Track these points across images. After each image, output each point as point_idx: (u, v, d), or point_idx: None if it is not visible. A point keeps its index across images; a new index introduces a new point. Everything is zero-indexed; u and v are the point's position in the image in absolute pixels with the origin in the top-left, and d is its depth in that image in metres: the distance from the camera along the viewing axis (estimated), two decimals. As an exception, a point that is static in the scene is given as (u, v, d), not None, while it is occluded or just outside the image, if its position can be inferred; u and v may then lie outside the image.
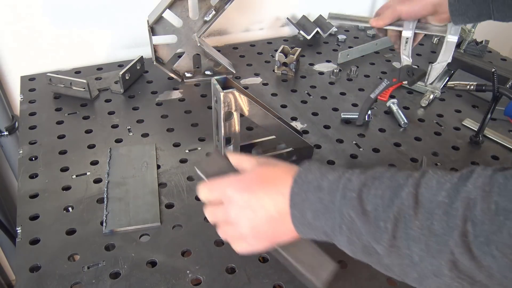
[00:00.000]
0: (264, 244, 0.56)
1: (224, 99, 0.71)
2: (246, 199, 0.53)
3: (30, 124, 0.95)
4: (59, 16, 1.10)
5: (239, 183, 0.55)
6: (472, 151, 0.95)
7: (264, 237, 0.55)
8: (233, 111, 0.74)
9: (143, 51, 1.18)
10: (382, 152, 0.93)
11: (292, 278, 0.66)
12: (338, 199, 0.48)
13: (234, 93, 0.71)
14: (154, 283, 0.65)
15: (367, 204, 0.45)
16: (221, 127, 0.75)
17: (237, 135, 0.78)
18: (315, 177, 0.51)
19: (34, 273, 0.66)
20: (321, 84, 1.15)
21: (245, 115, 0.75)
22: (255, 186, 0.54)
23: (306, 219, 0.50)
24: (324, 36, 1.35)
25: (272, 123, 0.79)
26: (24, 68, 1.12)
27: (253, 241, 0.56)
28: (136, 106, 1.03)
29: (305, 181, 0.51)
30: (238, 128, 0.77)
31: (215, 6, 1.02)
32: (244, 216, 0.54)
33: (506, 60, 1.30)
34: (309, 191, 0.50)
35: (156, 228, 0.74)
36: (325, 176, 0.50)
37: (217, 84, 0.73)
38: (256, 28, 1.36)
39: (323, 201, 0.49)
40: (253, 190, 0.54)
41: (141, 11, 1.10)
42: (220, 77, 0.74)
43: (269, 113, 0.77)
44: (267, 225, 0.53)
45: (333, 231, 0.48)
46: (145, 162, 0.86)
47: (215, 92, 0.73)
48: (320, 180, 0.50)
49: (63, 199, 0.78)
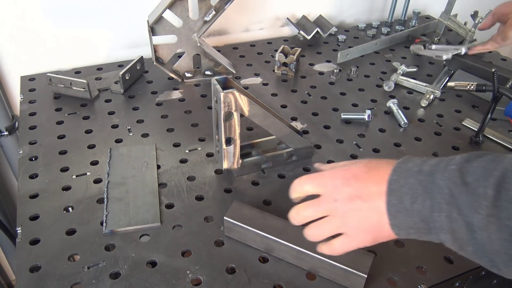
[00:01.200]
0: (366, 238, 0.54)
1: (224, 99, 0.71)
2: (355, 188, 0.53)
3: (30, 124, 0.95)
4: (59, 16, 1.10)
5: (345, 172, 0.55)
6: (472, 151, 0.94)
7: (369, 230, 0.53)
8: (233, 111, 0.74)
9: (143, 51, 1.18)
10: (382, 152, 0.93)
11: (292, 278, 0.67)
12: (438, 177, 0.46)
13: (234, 93, 0.71)
14: (154, 283, 0.65)
15: (467, 176, 0.44)
16: (221, 127, 0.75)
17: (237, 135, 0.78)
18: (415, 164, 0.50)
19: (34, 273, 0.66)
20: (321, 84, 1.15)
21: (245, 115, 0.75)
22: (362, 175, 0.53)
23: (403, 204, 0.48)
24: (324, 36, 1.35)
25: (272, 123, 0.79)
26: (24, 68, 1.12)
27: (358, 235, 0.54)
28: (136, 106, 1.03)
29: (405, 168, 0.50)
30: (239, 128, 0.77)
31: (215, 6, 1.02)
32: (354, 205, 0.53)
33: (506, 60, 1.30)
34: (409, 177, 0.49)
35: (156, 228, 0.74)
36: (426, 162, 0.49)
37: (217, 84, 0.73)
38: (256, 28, 1.36)
39: (422, 182, 0.47)
40: (361, 178, 0.53)
41: (141, 11, 1.10)
42: (220, 77, 0.74)
43: (269, 113, 0.77)
44: (374, 217, 0.52)
45: (431, 211, 0.46)
46: (145, 162, 0.86)
47: (215, 92, 0.73)
48: (421, 165, 0.49)
49: (63, 199, 0.78)
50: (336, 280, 0.66)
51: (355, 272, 0.62)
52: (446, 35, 1.42)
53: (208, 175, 0.85)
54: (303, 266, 0.68)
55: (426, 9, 1.58)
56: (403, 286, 0.67)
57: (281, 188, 0.83)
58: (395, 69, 1.20)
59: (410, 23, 1.45)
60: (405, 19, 1.48)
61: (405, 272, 0.69)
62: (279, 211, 0.77)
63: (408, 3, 1.44)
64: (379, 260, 0.70)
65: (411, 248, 0.72)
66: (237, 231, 0.70)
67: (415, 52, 1.24)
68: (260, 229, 0.68)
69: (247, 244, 0.71)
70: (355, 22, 1.49)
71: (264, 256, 0.70)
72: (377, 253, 0.71)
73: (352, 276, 0.63)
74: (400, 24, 1.46)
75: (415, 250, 0.72)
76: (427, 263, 0.70)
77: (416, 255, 0.71)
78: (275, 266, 0.69)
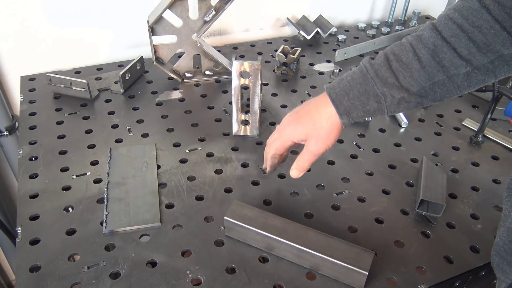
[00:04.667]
0: (303, 125, 0.69)
1: None
2: (293, 114, 0.72)
3: (30, 124, 0.95)
4: (59, 16, 1.10)
5: (289, 116, 0.73)
6: (472, 151, 0.95)
7: (303, 117, 0.69)
8: None
9: (143, 51, 1.18)
10: (382, 152, 0.93)
11: (292, 278, 0.67)
12: (357, 77, 0.65)
13: None
14: (154, 283, 0.65)
15: None
16: None
17: None
18: (333, 83, 0.68)
19: (34, 273, 0.66)
20: (321, 84, 1.15)
21: None
22: (300, 111, 0.71)
23: (343, 93, 0.65)
24: (324, 36, 1.35)
25: None
26: (24, 68, 1.12)
27: (291, 123, 0.71)
28: (136, 106, 1.03)
29: (330, 87, 0.67)
30: None
31: (215, 6, 1.02)
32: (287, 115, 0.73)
33: (506, 60, 1.29)
34: (337, 87, 0.66)
35: (156, 228, 0.74)
36: (342, 78, 0.67)
37: None
38: (256, 28, 1.36)
39: (349, 83, 0.65)
40: (298, 111, 0.72)
41: (141, 11, 1.10)
42: None
43: None
44: (305, 107, 0.70)
45: (366, 94, 0.64)
46: (145, 162, 0.86)
47: None
48: (339, 80, 0.67)
49: (63, 199, 0.78)
50: (337, 278, 0.66)
51: (356, 269, 0.62)
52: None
53: (208, 175, 0.85)
54: (304, 265, 0.68)
55: (426, 9, 1.58)
56: (403, 286, 0.67)
57: (281, 188, 0.83)
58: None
59: (410, 23, 1.45)
60: (405, 19, 1.48)
61: (405, 272, 0.69)
62: (279, 210, 0.77)
63: (408, 3, 1.44)
64: (379, 260, 0.70)
65: (411, 248, 0.72)
66: (237, 231, 0.70)
67: None
68: (261, 229, 0.68)
69: (248, 243, 0.71)
70: (355, 22, 1.49)
71: (264, 256, 0.70)
72: (377, 253, 0.71)
73: (353, 273, 0.63)
74: (400, 24, 1.46)
75: (415, 250, 0.72)
76: (427, 263, 0.70)
77: (416, 255, 0.71)
78: (275, 266, 0.69)
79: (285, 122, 0.73)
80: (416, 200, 0.80)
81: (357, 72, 0.65)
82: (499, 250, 0.57)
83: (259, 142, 0.94)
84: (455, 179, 0.87)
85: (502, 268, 0.57)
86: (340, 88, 0.65)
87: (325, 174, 0.87)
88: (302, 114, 0.70)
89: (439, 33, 0.60)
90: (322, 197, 0.81)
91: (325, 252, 0.64)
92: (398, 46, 0.63)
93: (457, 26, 0.58)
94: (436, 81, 0.61)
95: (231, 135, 0.95)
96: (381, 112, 0.65)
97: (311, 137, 0.69)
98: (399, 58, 0.62)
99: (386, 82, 0.62)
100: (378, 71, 0.63)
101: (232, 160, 0.89)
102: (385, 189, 0.84)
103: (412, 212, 0.79)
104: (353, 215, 0.78)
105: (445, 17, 0.60)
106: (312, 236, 0.67)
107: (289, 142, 0.72)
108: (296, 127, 0.70)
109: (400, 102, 0.63)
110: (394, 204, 0.81)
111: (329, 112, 0.66)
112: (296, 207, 0.79)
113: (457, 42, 0.58)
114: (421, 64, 0.60)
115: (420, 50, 0.60)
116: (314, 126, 0.68)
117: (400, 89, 0.62)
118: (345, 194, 0.82)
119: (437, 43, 0.59)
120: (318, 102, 0.68)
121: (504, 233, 0.56)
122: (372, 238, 0.74)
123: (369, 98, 0.63)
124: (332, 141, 0.69)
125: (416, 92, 0.62)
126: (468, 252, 0.73)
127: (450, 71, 0.60)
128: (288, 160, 0.84)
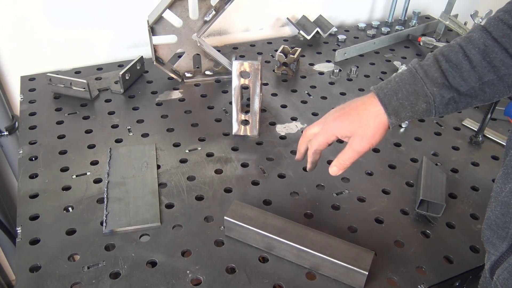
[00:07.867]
0: (350, 121, 0.67)
1: None
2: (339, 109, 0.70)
3: (30, 124, 0.95)
4: (59, 16, 1.10)
5: (334, 111, 0.70)
6: (472, 151, 0.95)
7: (350, 113, 0.67)
8: None
9: (143, 51, 1.18)
10: (382, 152, 0.93)
11: (292, 278, 0.67)
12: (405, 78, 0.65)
13: None
14: (154, 283, 0.65)
15: None
16: None
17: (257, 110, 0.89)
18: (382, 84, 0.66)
19: (34, 273, 0.66)
20: (321, 84, 1.15)
21: None
22: (347, 107, 0.69)
23: (392, 93, 0.64)
24: (324, 36, 1.35)
25: None
26: (24, 68, 1.12)
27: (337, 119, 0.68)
28: (136, 106, 1.03)
29: (379, 87, 0.66)
30: None
31: (215, 6, 1.02)
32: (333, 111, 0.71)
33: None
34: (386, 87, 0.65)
35: (156, 228, 0.74)
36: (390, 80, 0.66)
37: None
38: (256, 28, 1.36)
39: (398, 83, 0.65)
40: (344, 107, 0.69)
41: (141, 11, 1.10)
42: None
43: None
44: (352, 104, 0.68)
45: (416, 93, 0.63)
46: (145, 162, 0.86)
47: None
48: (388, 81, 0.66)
49: (63, 199, 0.78)
50: (337, 277, 0.66)
51: (356, 269, 0.63)
52: (446, 35, 1.42)
53: (208, 175, 0.85)
54: (304, 265, 0.68)
55: (426, 9, 1.58)
56: (403, 286, 0.67)
57: (281, 188, 0.83)
58: (395, 69, 1.20)
59: (410, 23, 1.45)
60: (405, 19, 1.48)
61: (405, 272, 0.69)
62: (279, 210, 0.77)
63: (408, 3, 1.44)
64: (379, 259, 0.70)
65: (411, 248, 0.72)
66: (237, 231, 0.70)
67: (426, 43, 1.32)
68: (261, 228, 0.68)
69: (248, 243, 0.71)
70: (355, 22, 1.49)
71: (264, 256, 0.70)
72: (377, 253, 0.71)
73: (353, 273, 0.63)
74: (400, 24, 1.46)
75: (415, 250, 0.72)
76: (427, 263, 0.70)
77: (416, 255, 0.71)
78: (275, 266, 0.69)
79: (330, 118, 0.70)
80: (416, 200, 0.80)
81: (406, 73, 0.65)
82: (491, 224, 0.57)
83: (259, 142, 0.94)
84: (455, 179, 0.87)
85: (492, 242, 0.57)
86: (388, 89, 0.65)
87: (325, 174, 0.86)
88: (349, 110, 0.68)
89: (489, 33, 0.60)
90: (322, 197, 0.81)
91: (325, 252, 0.64)
92: (447, 48, 0.64)
93: (508, 26, 0.59)
94: (486, 81, 0.61)
95: (231, 135, 0.95)
96: (429, 113, 0.64)
97: (356, 134, 0.67)
98: (448, 58, 0.62)
99: (436, 82, 0.62)
100: (427, 71, 0.63)
101: (232, 160, 0.89)
102: (385, 189, 0.84)
103: (412, 212, 0.79)
104: (353, 215, 0.78)
105: (494, 19, 0.61)
106: (312, 236, 0.67)
107: (333, 138, 0.70)
108: (343, 123, 0.68)
109: (449, 102, 0.63)
110: (394, 204, 0.81)
111: (378, 111, 0.65)
112: (296, 207, 0.79)
113: (508, 42, 0.59)
114: (471, 64, 0.61)
115: (470, 51, 0.61)
116: (361, 124, 0.66)
117: (449, 89, 0.62)
118: (345, 194, 0.82)
119: (487, 43, 0.60)
120: (366, 100, 0.67)
121: (497, 207, 0.56)
122: (372, 238, 0.74)
123: (418, 98, 0.63)
124: (377, 140, 0.67)
125: (466, 92, 0.62)
126: (468, 252, 0.73)
127: (501, 71, 0.60)
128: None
